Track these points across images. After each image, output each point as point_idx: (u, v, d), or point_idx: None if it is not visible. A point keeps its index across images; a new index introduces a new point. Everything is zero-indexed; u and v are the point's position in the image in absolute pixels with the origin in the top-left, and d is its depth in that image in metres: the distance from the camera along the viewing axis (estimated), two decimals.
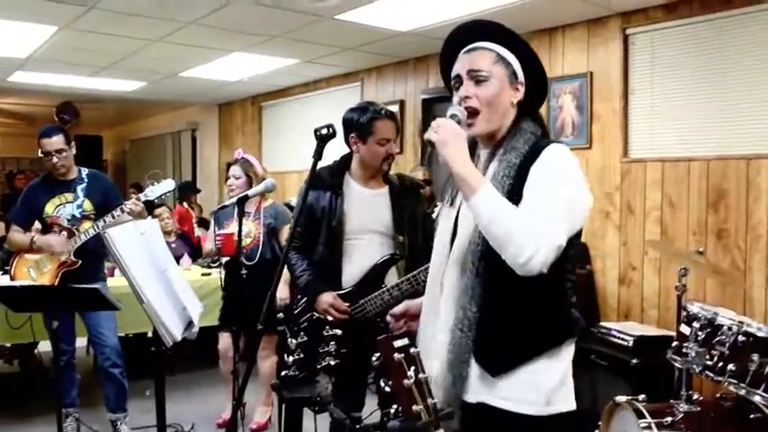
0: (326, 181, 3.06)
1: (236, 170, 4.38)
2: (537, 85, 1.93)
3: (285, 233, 4.29)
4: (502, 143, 1.85)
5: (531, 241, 1.63)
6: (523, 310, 1.76)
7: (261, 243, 4.25)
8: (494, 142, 1.88)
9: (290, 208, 5.44)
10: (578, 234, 1.82)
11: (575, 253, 1.84)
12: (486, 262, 1.75)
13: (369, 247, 3.02)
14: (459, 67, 1.88)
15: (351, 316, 2.95)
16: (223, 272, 4.25)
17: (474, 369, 1.79)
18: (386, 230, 3.07)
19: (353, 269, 3.03)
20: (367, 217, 3.05)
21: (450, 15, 4.81)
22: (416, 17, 4.99)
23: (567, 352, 1.86)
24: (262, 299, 3.98)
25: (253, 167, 4.40)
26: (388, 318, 2.08)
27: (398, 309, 2.14)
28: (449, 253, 1.87)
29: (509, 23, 1.90)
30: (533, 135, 1.84)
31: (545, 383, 1.79)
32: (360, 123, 3.00)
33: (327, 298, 2.96)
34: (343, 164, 3.15)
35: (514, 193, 1.73)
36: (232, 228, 4.29)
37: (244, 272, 4.07)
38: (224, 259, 4.39)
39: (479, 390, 1.78)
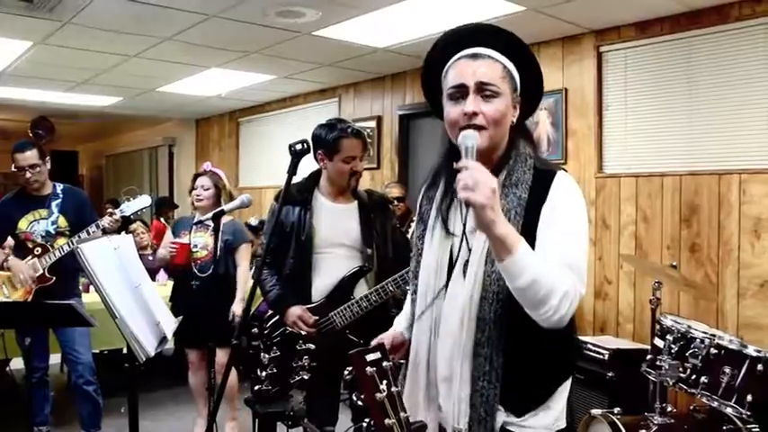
0: (295, 196, 3.09)
1: (205, 181, 4.39)
2: (534, 100, 1.83)
3: (241, 251, 4.39)
4: (501, 168, 1.73)
5: (564, 301, 1.58)
6: (544, 351, 1.71)
7: (216, 257, 4.23)
8: (490, 164, 1.70)
9: (249, 228, 5.48)
10: None
11: None
12: (509, 312, 1.67)
13: (337, 260, 3.06)
14: (462, 75, 1.70)
15: (319, 329, 2.97)
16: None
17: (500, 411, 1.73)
18: (354, 244, 3.11)
19: (323, 282, 3.06)
20: (335, 231, 3.08)
21: (427, 32, 4.86)
22: (393, 34, 5.02)
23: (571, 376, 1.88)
24: (211, 313, 4.03)
25: (222, 180, 4.44)
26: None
27: (391, 345, 1.93)
28: (445, 290, 1.76)
29: None
30: (531, 158, 1.75)
31: (556, 408, 1.79)
32: (326, 141, 3.04)
33: (296, 311, 3.00)
34: (312, 180, 3.20)
35: (526, 233, 1.62)
36: (188, 238, 4.30)
37: (195, 283, 4.11)
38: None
39: (501, 418, 1.73)
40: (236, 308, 4.24)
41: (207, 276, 4.18)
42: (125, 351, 2.82)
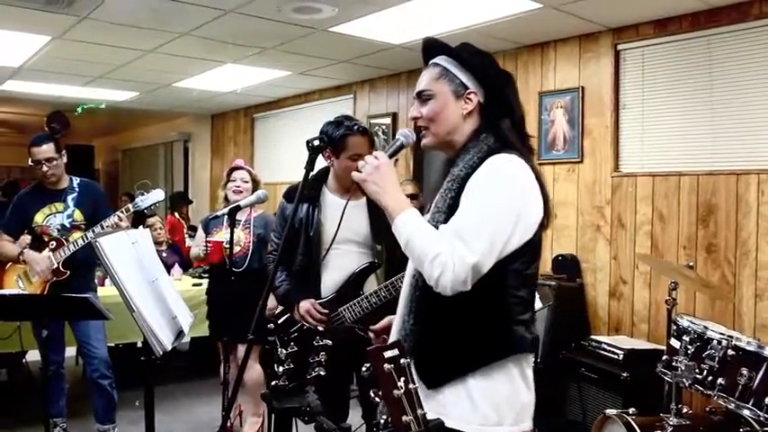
0: (302, 193, 3.09)
1: (244, 174, 4.46)
2: (493, 90, 1.90)
3: None
4: (458, 156, 1.87)
5: (435, 266, 1.67)
6: (457, 325, 1.76)
7: (250, 252, 4.26)
8: (455, 154, 1.90)
9: None
10: (528, 248, 1.77)
11: (523, 269, 1.79)
12: (423, 277, 1.76)
13: (346, 256, 3.06)
14: (416, 86, 1.96)
15: (329, 324, 2.97)
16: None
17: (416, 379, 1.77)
18: (363, 240, 3.11)
19: (332, 278, 3.07)
20: (343, 227, 3.06)
21: (443, 29, 4.84)
22: (409, 30, 5.01)
23: (517, 370, 1.80)
24: (247, 308, 3.99)
25: (257, 175, 4.49)
26: (371, 335, 2.13)
27: (380, 325, 2.17)
28: None
29: (502, 37, 1.92)
30: (488, 147, 1.82)
31: (484, 402, 1.75)
32: (333, 138, 3.02)
33: (304, 305, 3.03)
34: (321, 176, 3.20)
35: (455, 208, 1.76)
36: (221, 236, 4.31)
37: (232, 278, 4.12)
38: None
39: (424, 401, 1.73)
40: (272, 302, 4.17)
41: (242, 272, 4.20)
42: (139, 345, 2.83)
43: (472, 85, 1.88)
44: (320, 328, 2.93)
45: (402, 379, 1.42)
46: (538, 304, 3.91)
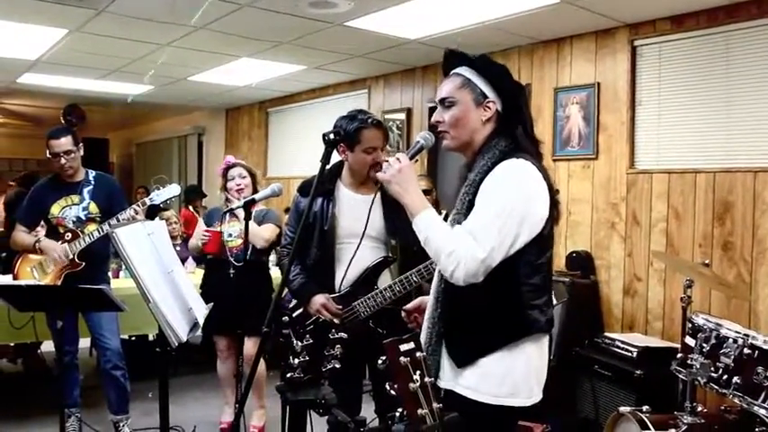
0: (318, 187, 3.09)
1: (240, 170, 4.39)
2: (509, 100, 2.09)
3: (264, 226, 4.35)
4: (474, 161, 2.07)
5: (450, 260, 1.90)
6: (478, 312, 1.98)
7: (250, 245, 4.21)
8: (472, 157, 2.10)
9: None
10: (537, 242, 1.96)
11: (534, 260, 1.99)
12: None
13: (360, 250, 3.04)
14: (437, 94, 2.16)
15: (343, 318, 2.97)
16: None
17: (445, 359, 2.05)
18: (377, 234, 3.11)
19: (346, 272, 3.06)
20: (358, 221, 3.06)
21: (459, 24, 4.83)
22: (425, 25, 5.00)
23: (534, 349, 2.02)
24: (244, 301, 3.98)
25: (252, 167, 4.45)
26: (402, 314, 2.27)
27: (412, 304, 2.40)
28: None
29: (518, 33, 1.93)
30: (500, 152, 2.01)
31: (505, 377, 1.97)
32: (347, 132, 3.02)
33: (319, 299, 3.02)
34: (335, 170, 3.20)
35: (472, 209, 1.97)
36: (221, 228, 4.30)
37: (231, 272, 4.11)
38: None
39: (450, 378, 2.03)
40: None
41: (242, 265, 4.20)
42: (151, 338, 2.86)
43: (491, 95, 2.07)
44: (336, 321, 2.95)
45: (418, 372, 1.42)
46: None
